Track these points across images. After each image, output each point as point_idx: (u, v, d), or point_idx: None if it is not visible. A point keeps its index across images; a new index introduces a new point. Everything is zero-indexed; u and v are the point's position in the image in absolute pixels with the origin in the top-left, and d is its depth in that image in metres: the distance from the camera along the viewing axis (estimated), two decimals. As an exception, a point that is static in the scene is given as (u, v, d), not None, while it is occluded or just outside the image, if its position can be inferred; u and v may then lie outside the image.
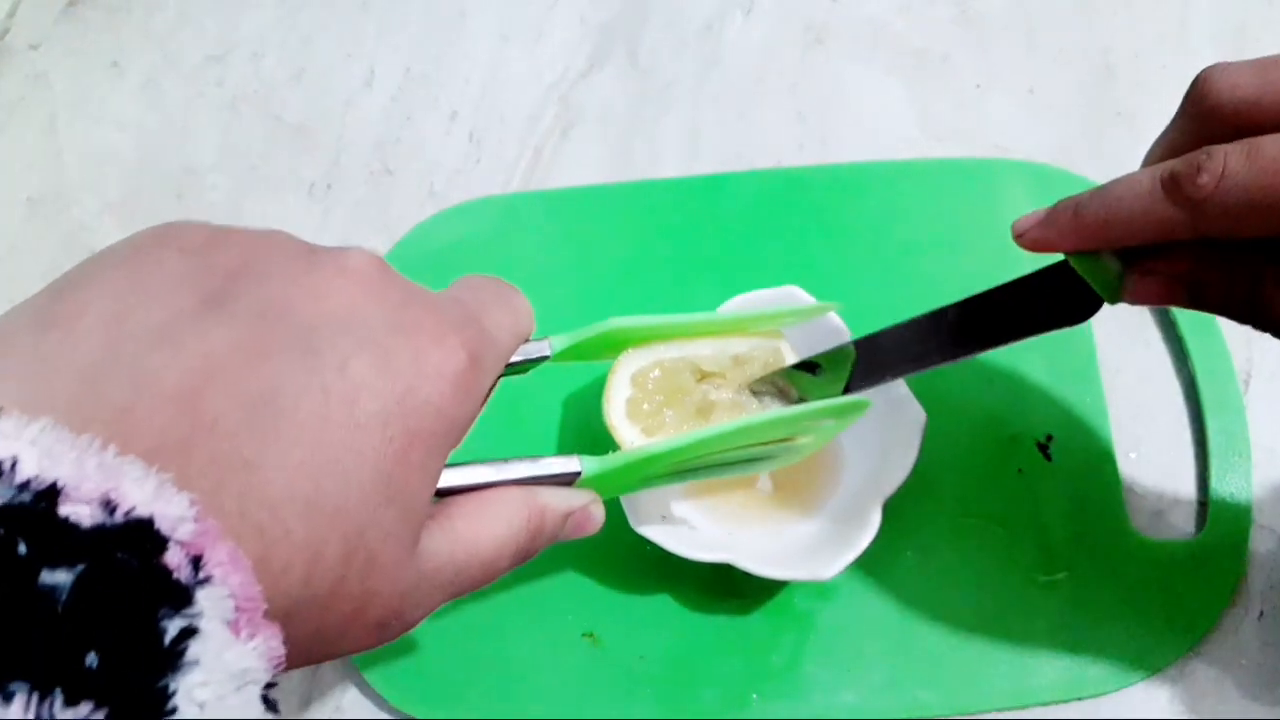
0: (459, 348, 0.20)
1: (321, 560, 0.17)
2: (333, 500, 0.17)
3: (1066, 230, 0.25)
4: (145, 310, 0.17)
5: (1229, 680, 0.34)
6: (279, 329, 0.18)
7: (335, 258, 0.20)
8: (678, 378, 0.29)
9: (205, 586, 0.15)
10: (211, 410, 0.16)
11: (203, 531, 0.15)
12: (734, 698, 0.34)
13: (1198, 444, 0.38)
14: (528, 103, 0.45)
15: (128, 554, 0.14)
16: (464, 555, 0.21)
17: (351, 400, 0.18)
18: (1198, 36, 0.45)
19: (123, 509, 0.14)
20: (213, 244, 0.19)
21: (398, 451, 0.18)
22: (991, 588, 0.35)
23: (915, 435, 0.33)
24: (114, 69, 0.46)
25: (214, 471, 0.16)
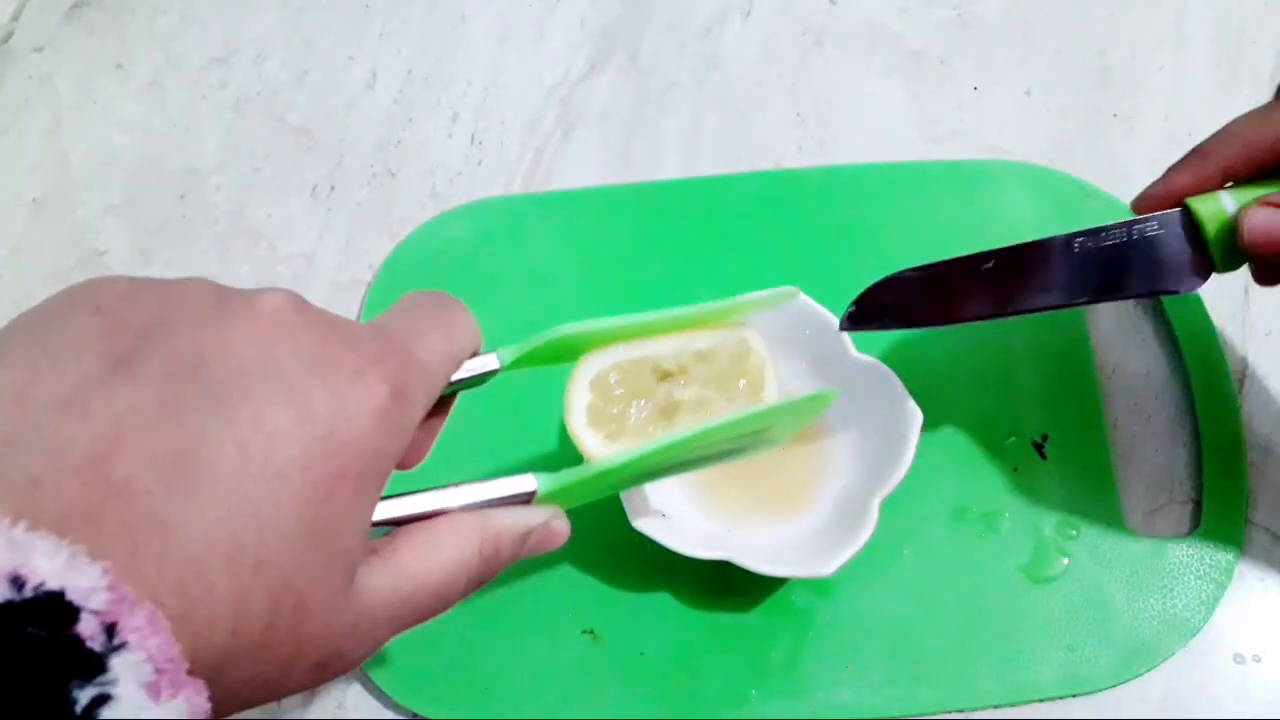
0: (379, 381, 0.19)
1: (248, 612, 0.17)
2: (253, 552, 0.17)
3: (1189, 168, 0.26)
4: (53, 378, 0.17)
5: (1224, 678, 0.34)
6: (191, 385, 0.18)
7: (248, 303, 0.20)
8: (639, 379, 0.28)
9: (120, 653, 0.15)
10: (122, 474, 0.16)
11: (118, 599, 0.15)
12: (733, 694, 0.34)
13: (1192, 443, 0.38)
14: (529, 105, 0.45)
15: (38, 628, 0.14)
16: (409, 588, 0.21)
17: (268, 450, 0.18)
18: (1194, 39, 0.45)
19: (31, 584, 0.14)
20: (126, 299, 0.19)
21: (321, 496, 0.18)
22: (988, 585, 0.35)
23: (912, 434, 0.33)
24: (118, 71, 0.46)
25: (128, 535, 0.16)
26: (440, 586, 0.21)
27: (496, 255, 0.42)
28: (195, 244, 0.43)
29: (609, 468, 0.24)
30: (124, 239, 0.43)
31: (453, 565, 0.21)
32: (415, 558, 0.21)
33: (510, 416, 0.37)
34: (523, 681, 0.34)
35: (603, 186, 0.43)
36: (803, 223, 0.42)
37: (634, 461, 0.24)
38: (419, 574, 0.21)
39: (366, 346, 0.20)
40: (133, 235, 0.43)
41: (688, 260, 0.41)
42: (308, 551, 0.18)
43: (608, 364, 0.28)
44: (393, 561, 0.21)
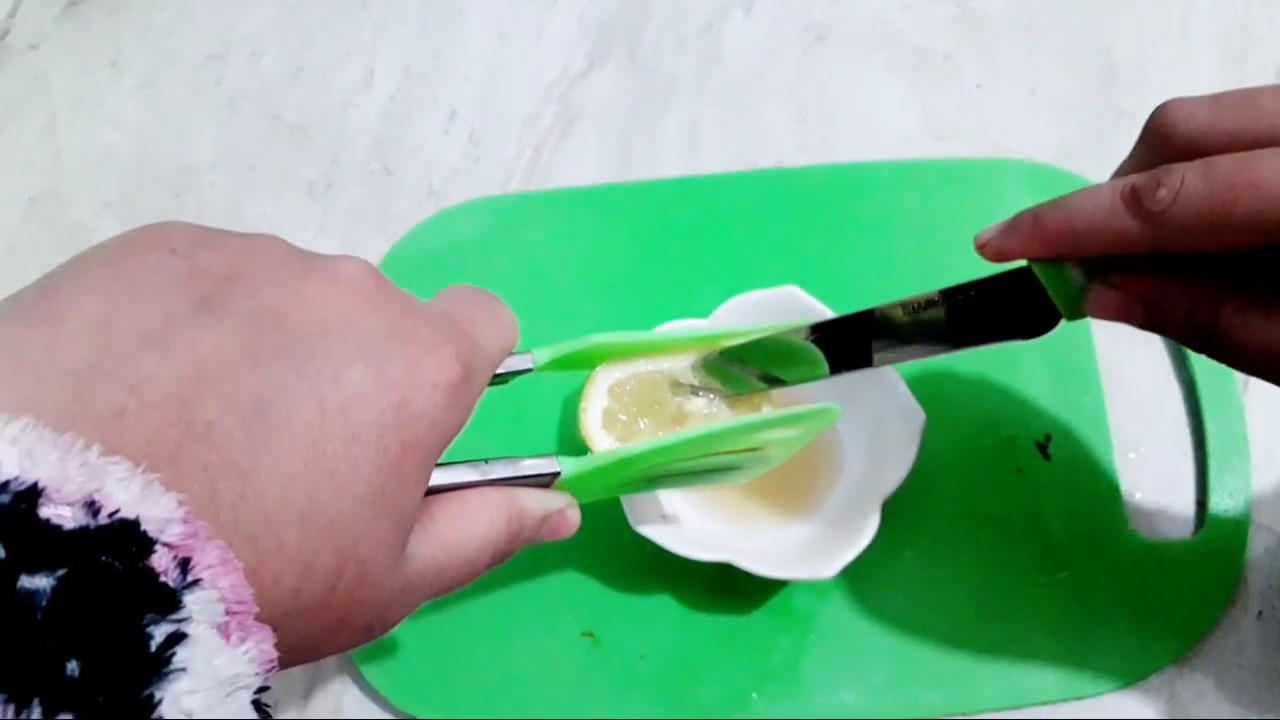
0: (454, 359, 0.20)
1: (313, 572, 0.17)
2: (327, 513, 0.17)
3: (1027, 237, 0.26)
4: (135, 312, 0.17)
5: (1228, 681, 0.34)
6: (272, 336, 0.18)
7: (329, 265, 0.20)
8: (653, 390, 0.30)
9: (194, 590, 0.14)
10: (204, 417, 0.16)
11: (192, 533, 0.15)
12: (734, 697, 0.34)
13: (1197, 444, 0.38)
14: (527, 102, 0.45)
15: (112, 557, 0.14)
16: (446, 557, 0.21)
17: (347, 411, 0.18)
18: (1200, 36, 0.45)
19: (107, 510, 0.14)
20: (204, 246, 0.19)
21: (392, 463, 0.18)
22: (991, 588, 0.35)
23: (914, 435, 0.33)
24: (113, 68, 0.46)
25: (206, 479, 0.16)
26: (471, 557, 0.22)
27: (495, 254, 0.41)
28: (191, 243, 0.43)
29: (626, 456, 0.25)
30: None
31: (483, 538, 0.22)
32: (452, 527, 0.21)
33: (521, 416, 0.37)
34: (522, 684, 0.34)
35: (602, 184, 0.43)
36: (804, 221, 0.41)
37: (648, 454, 0.25)
38: (454, 543, 0.21)
39: (440, 323, 0.20)
40: (128, 234, 0.43)
41: (688, 258, 0.41)
42: (375, 517, 0.18)
43: (626, 374, 0.29)
44: (432, 529, 0.21)
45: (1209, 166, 0.22)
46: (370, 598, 0.19)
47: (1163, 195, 0.22)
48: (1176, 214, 0.22)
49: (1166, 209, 0.22)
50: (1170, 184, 0.22)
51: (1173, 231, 0.22)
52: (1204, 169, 0.22)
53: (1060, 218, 0.25)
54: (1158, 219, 0.22)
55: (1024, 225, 0.26)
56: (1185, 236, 0.22)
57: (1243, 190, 0.21)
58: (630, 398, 0.29)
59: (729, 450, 0.27)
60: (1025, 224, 0.26)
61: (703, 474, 0.28)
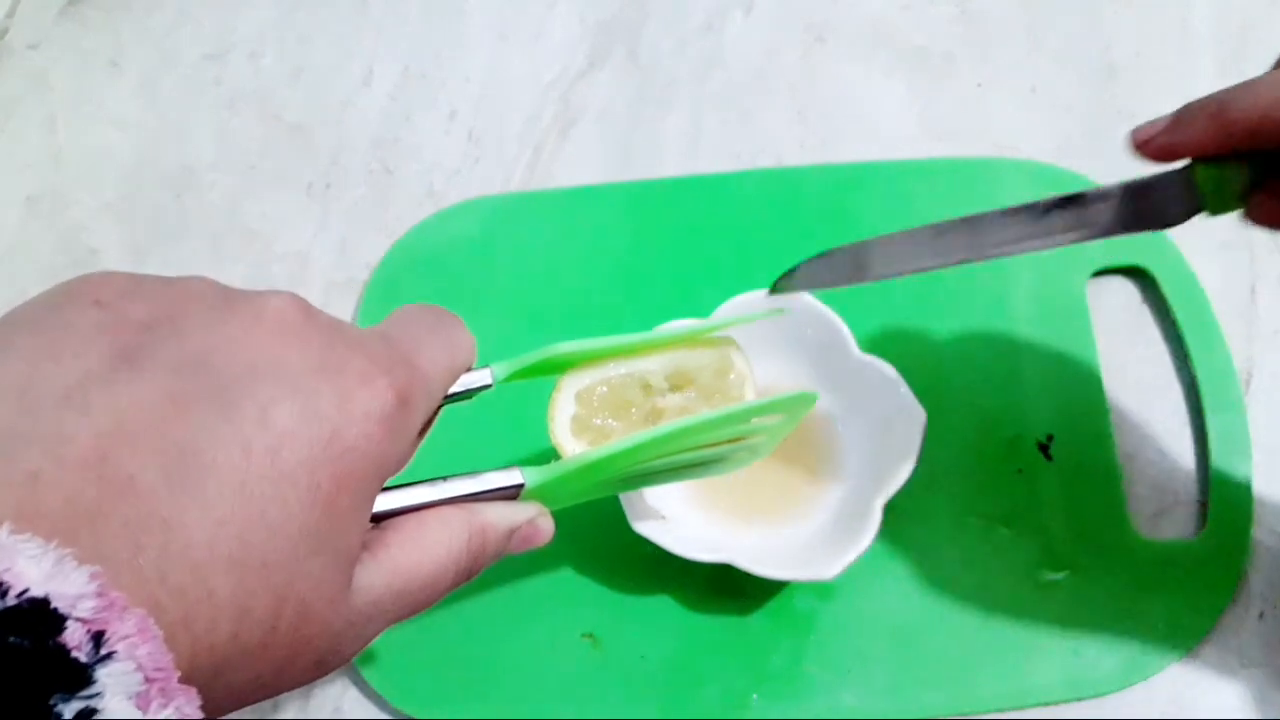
0: (386, 389, 0.19)
1: (250, 616, 0.17)
2: (258, 555, 0.17)
3: (1205, 128, 0.23)
4: (55, 372, 0.17)
5: (1229, 681, 0.34)
6: (195, 382, 0.17)
7: (253, 303, 0.19)
8: (624, 393, 0.29)
9: (107, 663, 0.14)
10: (124, 471, 0.16)
11: (106, 605, 0.15)
12: (734, 698, 0.34)
13: (1198, 444, 0.37)
14: (527, 102, 0.45)
15: (21, 637, 0.14)
16: (401, 584, 0.21)
17: (274, 450, 0.17)
18: (1200, 35, 0.45)
19: (15, 590, 0.14)
20: (128, 295, 0.19)
21: (325, 499, 0.18)
22: (992, 588, 0.35)
23: (915, 435, 0.33)
24: (112, 68, 0.46)
25: (129, 535, 0.16)
26: (429, 580, 0.21)
27: (494, 253, 0.41)
28: (190, 242, 0.42)
29: (593, 460, 0.24)
30: (118, 237, 0.43)
31: (442, 559, 0.21)
32: (405, 552, 0.21)
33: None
34: (522, 686, 0.34)
35: (602, 184, 0.43)
36: (804, 221, 0.41)
37: (616, 455, 0.25)
38: (410, 568, 0.21)
39: (373, 352, 0.20)
40: (127, 234, 0.43)
41: (688, 258, 0.41)
42: (311, 554, 0.18)
43: (595, 379, 0.29)
44: (384, 556, 0.21)
45: None
46: (316, 633, 0.18)
47: None
48: None
49: None
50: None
51: None
52: None
53: (1252, 105, 0.22)
54: None
55: (1202, 115, 0.23)
56: None
57: None
58: (600, 402, 0.29)
59: (710, 443, 0.27)
60: (1204, 114, 0.23)
61: (687, 469, 0.28)
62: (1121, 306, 0.40)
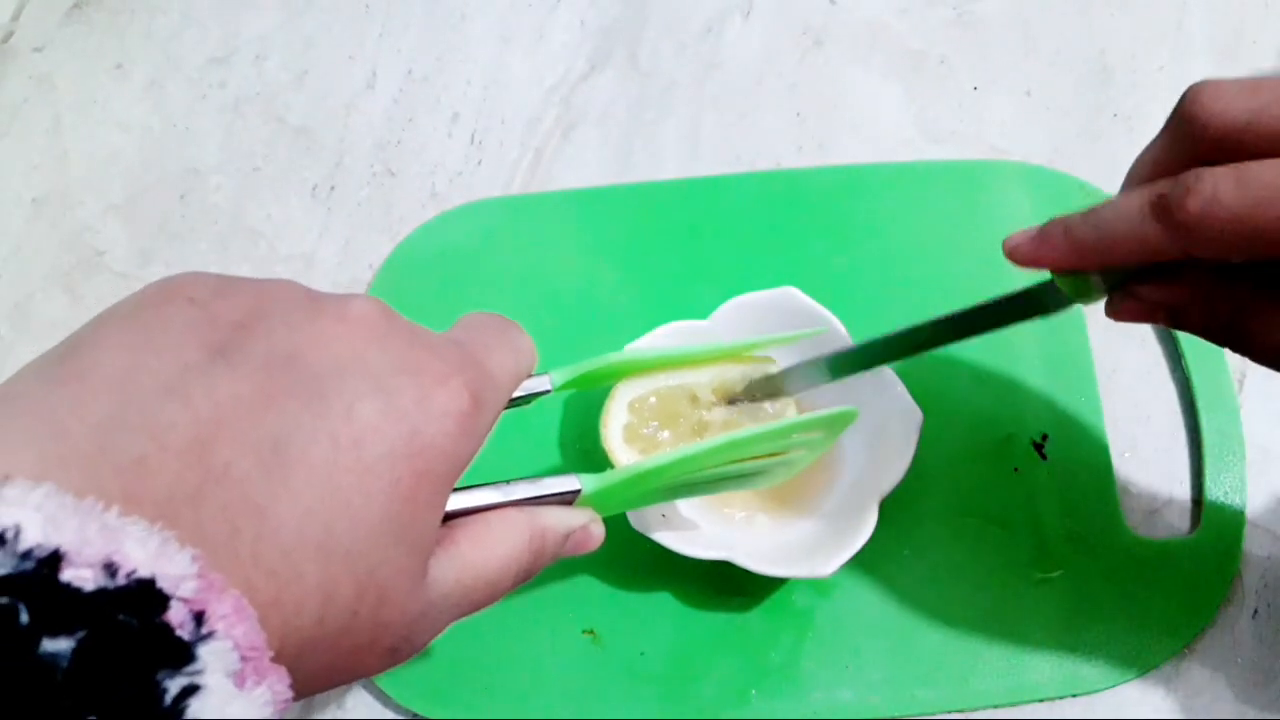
0: (462, 389, 0.20)
1: (334, 600, 0.18)
2: (344, 542, 0.18)
3: (1058, 248, 0.25)
4: (154, 364, 0.18)
5: (1223, 678, 0.34)
6: (285, 377, 0.18)
7: (338, 305, 0.20)
8: (674, 403, 0.30)
9: (208, 641, 0.15)
10: (222, 459, 0.17)
11: (206, 586, 0.15)
12: (733, 694, 0.34)
13: (1192, 443, 0.38)
14: (529, 105, 0.45)
15: (129, 615, 0.14)
16: (470, 579, 0.22)
17: (359, 444, 0.18)
18: (1195, 38, 0.45)
19: (124, 570, 0.15)
20: (219, 295, 0.20)
21: (405, 492, 0.19)
22: (988, 586, 0.35)
23: (912, 434, 0.33)
24: (118, 71, 0.46)
25: (227, 518, 0.17)
26: (494, 578, 0.22)
27: (496, 255, 0.42)
28: (195, 244, 0.43)
29: (645, 470, 0.25)
30: (124, 239, 0.43)
31: (506, 557, 0.22)
32: (474, 550, 0.22)
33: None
34: (522, 682, 0.34)
35: (603, 187, 0.43)
36: (803, 223, 0.42)
37: (671, 464, 0.25)
38: (478, 565, 0.22)
39: (449, 354, 0.21)
40: (132, 235, 0.43)
41: (687, 260, 0.41)
42: (392, 544, 0.19)
43: (647, 389, 0.30)
44: (455, 552, 0.21)
45: (1242, 175, 0.21)
46: (393, 621, 0.19)
47: (1193, 206, 0.21)
48: (1208, 225, 0.21)
49: (1197, 220, 0.21)
50: (1201, 194, 0.21)
51: (1203, 242, 0.22)
52: (1237, 178, 0.21)
53: (1090, 230, 0.24)
54: (1188, 230, 0.22)
55: (1055, 236, 0.26)
56: (1215, 247, 0.22)
57: (1278, 203, 0.20)
58: (650, 412, 0.30)
59: (751, 457, 0.28)
60: (1056, 235, 0.26)
61: (726, 481, 0.29)
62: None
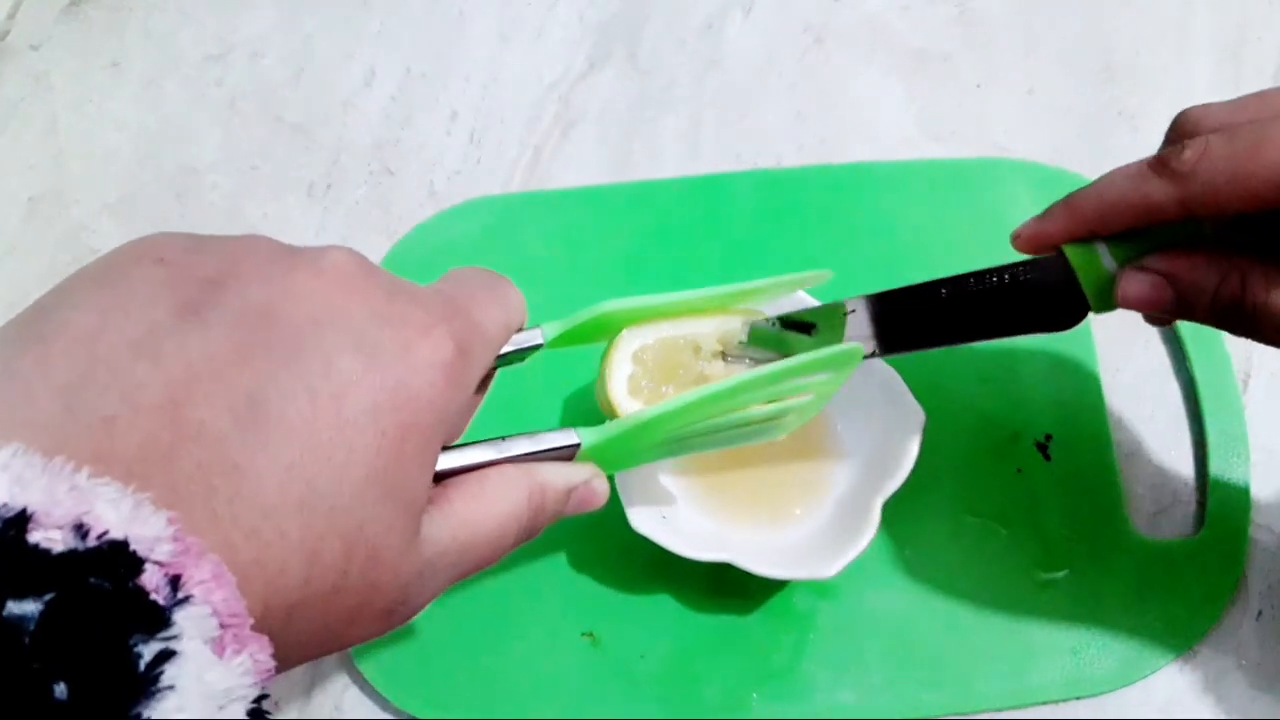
0: (446, 338, 0.20)
1: (320, 559, 0.17)
2: (327, 499, 0.17)
3: (1059, 218, 0.27)
4: (124, 324, 0.17)
5: (1228, 680, 0.34)
6: (260, 332, 0.18)
7: (314, 257, 0.20)
8: (677, 354, 0.29)
9: (184, 606, 0.14)
10: (195, 417, 0.16)
11: (183, 550, 0.15)
12: (734, 697, 0.34)
13: (1197, 444, 0.38)
14: (528, 103, 0.45)
15: (101, 579, 0.14)
16: (466, 536, 0.21)
17: (339, 397, 0.18)
18: (1198, 36, 0.45)
19: (95, 532, 0.14)
20: (190, 252, 0.19)
21: (391, 444, 0.18)
22: (991, 587, 0.35)
23: (915, 434, 0.33)
24: (114, 69, 0.46)
25: (202, 477, 0.16)
26: (494, 535, 0.22)
27: (495, 253, 0.41)
28: (192, 243, 0.43)
29: (646, 420, 0.24)
30: (120, 238, 0.42)
31: (505, 514, 0.22)
32: (469, 507, 0.21)
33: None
34: (522, 684, 0.34)
35: (602, 185, 0.43)
36: (803, 221, 0.41)
37: (669, 415, 0.25)
38: (475, 522, 0.21)
39: (432, 304, 0.21)
40: (129, 234, 0.42)
41: (687, 259, 0.41)
42: (379, 499, 0.18)
43: (650, 339, 0.29)
44: (449, 510, 0.21)
45: (1232, 132, 0.23)
46: (386, 581, 0.19)
47: (1188, 156, 0.23)
48: (1202, 171, 0.23)
49: (1192, 168, 0.23)
50: (1195, 147, 0.23)
51: (1199, 190, 0.23)
52: (1228, 135, 0.23)
53: (1091, 196, 0.26)
54: (1184, 179, 0.24)
55: (1055, 209, 0.27)
56: (1212, 195, 0.23)
57: (1266, 145, 0.22)
58: (654, 362, 0.29)
59: (757, 404, 0.27)
60: (1057, 209, 0.27)
61: (735, 431, 0.28)
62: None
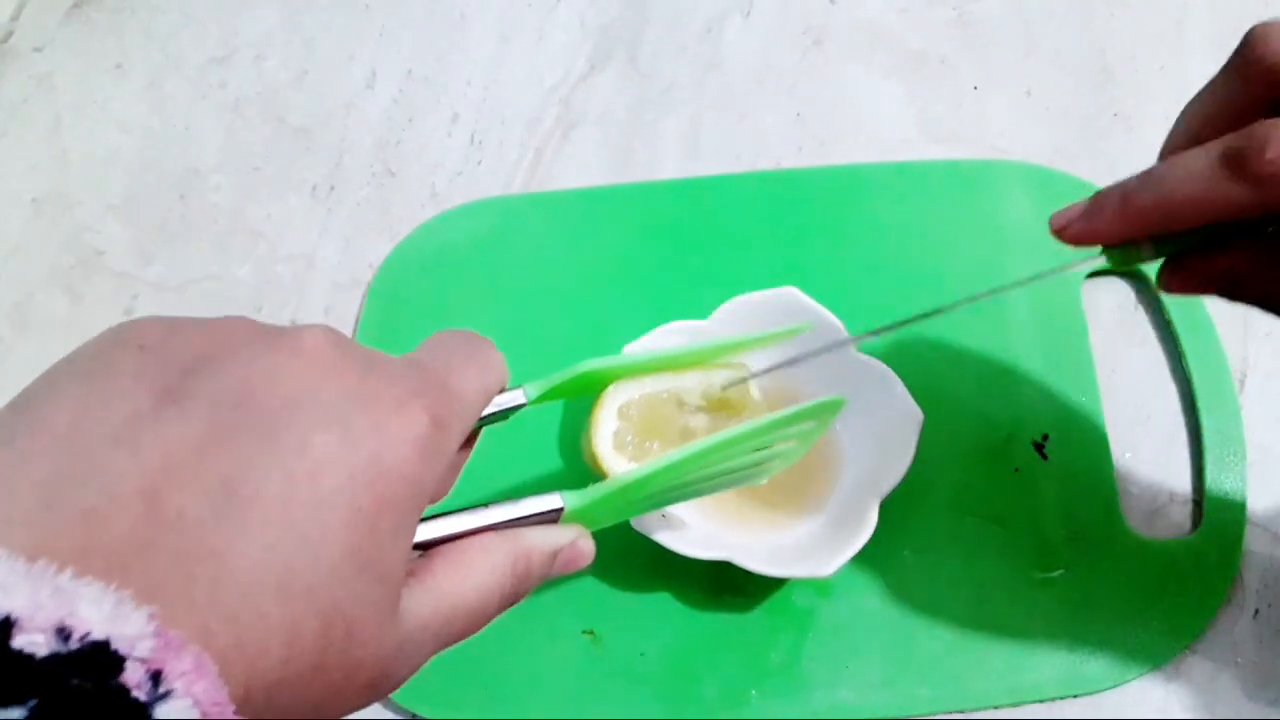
0: (420, 412, 0.20)
1: (299, 639, 0.17)
2: (304, 579, 0.17)
3: (1114, 219, 0.24)
4: (103, 415, 0.18)
5: (1224, 678, 0.34)
6: (236, 417, 0.18)
7: (289, 339, 0.20)
8: (662, 409, 0.29)
9: (166, 701, 0.15)
10: (173, 506, 0.17)
11: (163, 645, 0.15)
12: (733, 695, 0.34)
13: (1193, 443, 0.38)
14: (529, 105, 0.45)
15: (84, 679, 0.14)
16: (448, 608, 0.21)
17: (314, 477, 0.18)
18: (1194, 38, 0.45)
19: (78, 634, 0.14)
20: (169, 337, 0.20)
21: (367, 521, 0.18)
22: (988, 586, 0.35)
23: (912, 434, 0.33)
24: (117, 71, 0.46)
25: (181, 565, 0.16)
26: (475, 606, 0.22)
27: (496, 255, 0.42)
28: (195, 244, 0.43)
29: (632, 480, 0.25)
30: (123, 239, 0.43)
31: (487, 585, 0.22)
32: (450, 579, 0.21)
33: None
34: (522, 682, 0.34)
35: (603, 186, 0.43)
36: (803, 223, 0.42)
37: (656, 474, 0.25)
38: (455, 594, 0.21)
39: (406, 379, 0.21)
40: (132, 235, 0.43)
41: (687, 260, 0.41)
42: (355, 576, 0.18)
43: (635, 394, 0.29)
44: (430, 583, 0.21)
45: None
46: (366, 656, 0.19)
47: (1274, 156, 0.21)
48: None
49: (1275, 166, 0.21)
50: (1276, 143, 0.21)
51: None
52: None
53: (1152, 194, 0.23)
54: (1267, 182, 0.21)
55: (1109, 206, 0.24)
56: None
57: None
58: (639, 418, 0.29)
59: (740, 456, 0.27)
60: (1111, 205, 0.24)
61: (718, 481, 0.28)
62: (1117, 306, 0.40)
